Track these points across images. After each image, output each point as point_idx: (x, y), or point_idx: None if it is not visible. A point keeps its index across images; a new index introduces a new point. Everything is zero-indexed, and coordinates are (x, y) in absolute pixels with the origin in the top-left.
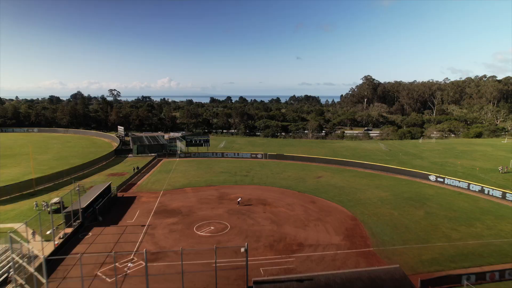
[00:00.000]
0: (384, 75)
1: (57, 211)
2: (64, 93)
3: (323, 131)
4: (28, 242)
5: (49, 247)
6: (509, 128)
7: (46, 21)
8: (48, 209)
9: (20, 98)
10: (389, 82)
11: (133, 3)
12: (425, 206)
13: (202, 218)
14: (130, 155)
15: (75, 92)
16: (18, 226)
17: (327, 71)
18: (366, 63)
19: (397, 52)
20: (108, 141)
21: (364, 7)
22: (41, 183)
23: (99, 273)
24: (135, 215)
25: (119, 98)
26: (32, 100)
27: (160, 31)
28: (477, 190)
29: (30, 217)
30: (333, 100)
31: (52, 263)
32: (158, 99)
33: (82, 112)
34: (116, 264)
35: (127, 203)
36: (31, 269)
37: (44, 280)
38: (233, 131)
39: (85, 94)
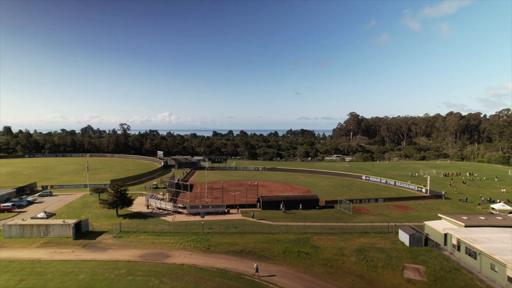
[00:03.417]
0: (381, 108)
1: (156, 188)
2: (66, 126)
3: (309, 157)
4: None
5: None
6: (451, 154)
7: (50, 57)
8: (153, 186)
9: (38, 131)
10: (371, 117)
11: (135, 39)
12: (349, 188)
13: (233, 189)
14: (173, 168)
15: (85, 126)
16: (144, 193)
17: (325, 106)
18: (364, 97)
19: (393, 87)
20: (149, 162)
21: (361, 44)
22: (133, 179)
23: (196, 201)
24: (198, 189)
25: (129, 132)
26: (49, 133)
27: (159, 65)
28: (384, 182)
29: (143, 191)
30: (323, 134)
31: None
32: (164, 133)
33: (124, 142)
34: (202, 199)
35: (190, 186)
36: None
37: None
38: (239, 157)
39: (95, 128)
